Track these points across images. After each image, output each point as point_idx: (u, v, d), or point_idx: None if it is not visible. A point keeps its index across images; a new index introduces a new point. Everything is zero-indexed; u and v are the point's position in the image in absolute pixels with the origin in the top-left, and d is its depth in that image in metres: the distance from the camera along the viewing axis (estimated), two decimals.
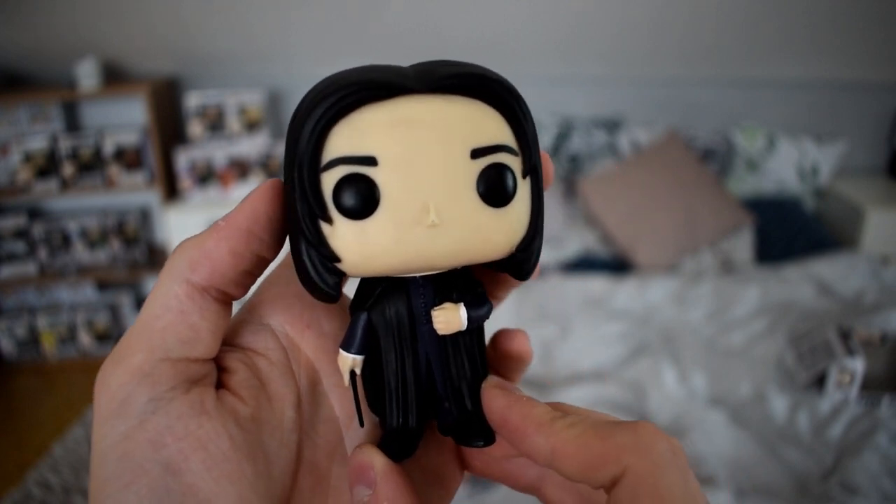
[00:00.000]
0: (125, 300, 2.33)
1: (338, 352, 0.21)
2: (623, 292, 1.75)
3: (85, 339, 2.27)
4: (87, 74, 2.01)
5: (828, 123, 2.28)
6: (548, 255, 1.96)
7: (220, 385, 0.20)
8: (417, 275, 0.20)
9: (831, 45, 2.11)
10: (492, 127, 0.19)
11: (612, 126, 2.19)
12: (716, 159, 2.16)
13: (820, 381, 1.34)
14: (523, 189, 0.20)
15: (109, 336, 2.28)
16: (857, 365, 1.28)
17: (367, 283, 0.21)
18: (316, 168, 0.18)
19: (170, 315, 0.18)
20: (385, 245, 0.18)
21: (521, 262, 0.20)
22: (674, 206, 1.99)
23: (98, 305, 2.30)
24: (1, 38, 2.01)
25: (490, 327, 0.23)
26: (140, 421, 0.17)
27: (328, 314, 0.23)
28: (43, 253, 2.20)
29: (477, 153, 0.18)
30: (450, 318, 0.20)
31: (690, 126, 2.21)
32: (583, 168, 2.17)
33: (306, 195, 0.18)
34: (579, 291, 1.75)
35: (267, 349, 0.21)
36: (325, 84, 0.18)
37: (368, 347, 0.20)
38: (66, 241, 2.21)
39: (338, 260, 0.18)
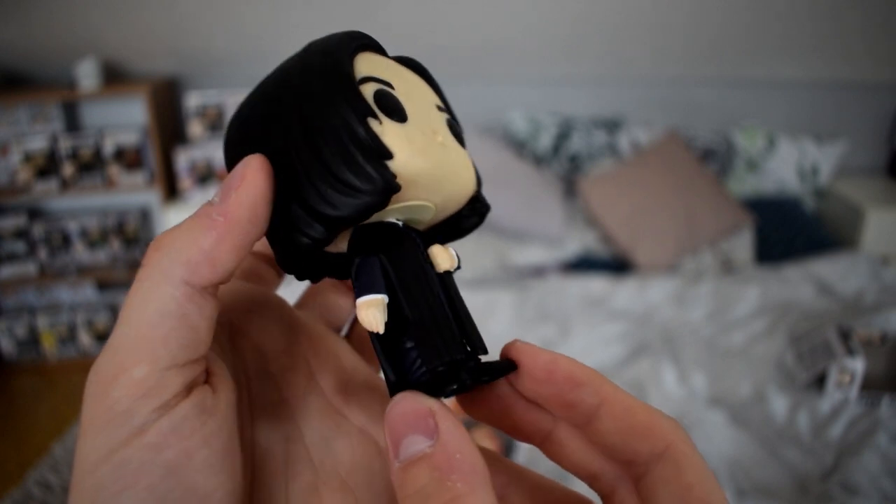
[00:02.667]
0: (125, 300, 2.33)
1: (287, 330, 0.21)
2: (623, 292, 1.75)
3: (85, 339, 2.27)
4: (87, 74, 2.01)
5: (828, 123, 2.28)
6: (548, 255, 1.96)
7: None
8: (399, 222, 0.21)
9: (831, 45, 2.11)
10: (437, 98, 0.23)
11: (612, 126, 2.19)
12: (716, 159, 2.16)
13: (820, 381, 1.34)
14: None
15: (109, 336, 2.27)
16: (857, 365, 1.28)
17: (361, 234, 0.20)
18: (354, 79, 0.19)
19: (170, 321, 0.17)
20: (422, 148, 0.19)
21: (481, 202, 0.23)
22: (674, 206, 1.99)
23: (98, 305, 2.30)
24: (1, 38, 2.01)
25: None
26: (140, 429, 0.17)
27: (266, 304, 0.23)
28: (43, 253, 2.20)
29: (439, 108, 0.22)
30: (446, 254, 0.21)
31: (690, 126, 2.21)
32: (583, 168, 2.17)
33: (355, 98, 0.19)
34: (579, 291, 1.75)
35: (217, 339, 0.21)
36: (337, 36, 0.21)
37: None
38: (66, 241, 2.21)
39: (391, 156, 0.19)
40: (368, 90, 0.19)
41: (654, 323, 1.62)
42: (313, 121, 0.18)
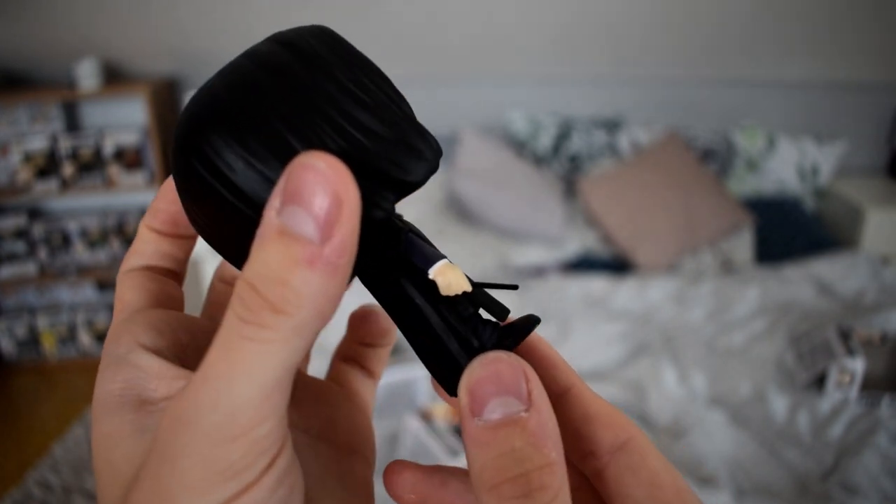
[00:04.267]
0: None
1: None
2: (623, 292, 1.75)
3: (85, 339, 2.27)
4: (87, 74, 2.01)
5: (828, 123, 2.28)
6: (548, 255, 1.96)
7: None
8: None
9: (831, 45, 2.11)
10: None
11: (612, 126, 2.19)
12: (716, 159, 2.16)
13: (820, 381, 1.34)
14: None
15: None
16: (857, 365, 1.28)
17: (373, 236, 0.19)
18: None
19: (290, 374, 0.16)
20: None
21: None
22: (674, 206, 1.99)
23: (98, 305, 2.30)
24: (1, 38, 2.01)
25: None
26: (254, 481, 0.16)
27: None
28: (43, 253, 2.20)
29: None
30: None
31: (690, 126, 2.21)
32: (583, 168, 2.17)
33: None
34: (579, 291, 1.75)
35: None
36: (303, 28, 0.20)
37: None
38: (66, 241, 2.21)
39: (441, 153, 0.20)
40: None
41: (654, 323, 1.62)
42: (370, 93, 0.18)
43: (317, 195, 0.14)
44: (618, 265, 1.98)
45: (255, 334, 0.15)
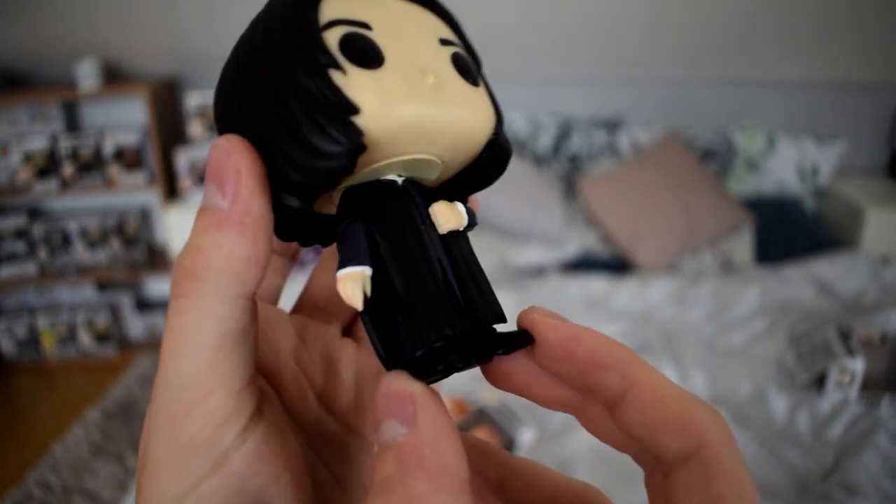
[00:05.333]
0: (125, 300, 2.33)
1: (294, 349, 0.20)
2: (623, 292, 1.75)
3: (85, 339, 2.27)
4: (87, 74, 2.01)
5: (828, 123, 2.28)
6: (548, 255, 1.96)
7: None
8: (398, 180, 0.19)
9: (831, 45, 2.11)
10: (446, 29, 0.20)
11: (612, 126, 2.19)
12: (716, 159, 2.16)
13: (820, 381, 1.34)
14: (481, 83, 0.20)
15: (109, 336, 2.27)
16: (857, 365, 1.28)
17: (350, 192, 0.19)
18: (317, 25, 0.17)
19: (231, 339, 0.16)
20: (400, 95, 0.17)
21: (502, 144, 0.20)
22: (674, 206, 1.99)
23: (98, 305, 2.30)
24: (1, 38, 2.01)
25: None
26: (224, 457, 0.16)
27: (273, 322, 0.22)
28: (43, 253, 2.20)
29: (444, 42, 0.19)
30: (453, 213, 0.19)
31: (690, 126, 2.21)
32: (583, 168, 2.17)
33: (312, 50, 0.16)
34: (579, 291, 1.75)
35: None
36: None
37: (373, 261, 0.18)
38: (66, 241, 2.21)
39: (356, 111, 0.16)
40: (334, 36, 0.17)
41: (654, 323, 1.62)
42: (275, 82, 0.17)
43: (222, 169, 0.16)
44: (618, 265, 1.98)
45: (182, 306, 0.16)
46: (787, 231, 2.02)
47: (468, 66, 0.19)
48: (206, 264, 0.16)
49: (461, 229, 0.19)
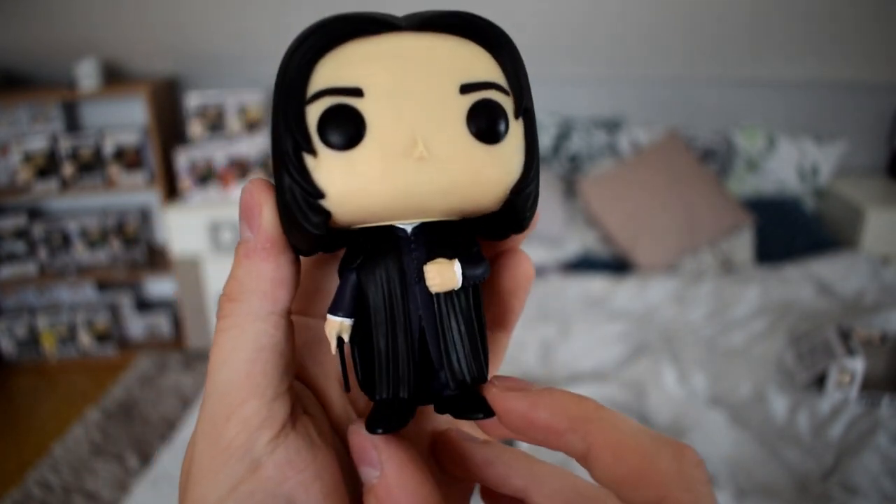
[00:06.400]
0: (125, 300, 2.33)
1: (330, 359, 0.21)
2: (623, 292, 1.75)
3: (85, 339, 2.27)
4: (87, 74, 2.01)
5: (828, 123, 2.28)
6: (548, 255, 1.96)
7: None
8: (408, 227, 0.19)
9: (831, 45, 2.11)
10: (481, 65, 0.19)
11: (612, 126, 2.19)
12: (716, 159, 2.16)
13: (820, 381, 1.34)
14: (515, 130, 0.19)
15: (109, 336, 2.28)
16: (857, 365, 1.28)
17: (356, 242, 0.19)
18: (301, 99, 0.17)
19: (266, 353, 0.18)
20: (372, 177, 0.17)
21: (518, 208, 0.19)
22: (674, 206, 1.99)
23: (98, 305, 2.30)
24: (1, 38, 2.01)
25: None
26: (258, 463, 0.18)
27: (315, 337, 0.23)
28: (43, 253, 2.20)
29: (466, 88, 0.18)
30: (444, 273, 0.18)
31: (690, 126, 2.21)
32: (583, 168, 2.17)
33: (290, 127, 0.17)
34: (579, 291, 1.75)
35: None
36: (314, 23, 0.18)
37: (358, 311, 0.19)
38: (66, 241, 2.21)
39: (322, 195, 0.17)
40: (317, 110, 0.17)
41: (654, 323, 1.62)
42: (275, 143, 0.18)
43: (248, 207, 0.19)
44: (618, 265, 1.98)
45: (222, 325, 0.18)
46: (787, 231, 2.02)
47: (491, 117, 0.18)
48: (240, 288, 0.18)
49: (458, 288, 0.19)
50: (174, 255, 2.11)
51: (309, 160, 0.17)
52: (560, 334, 1.56)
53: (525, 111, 0.19)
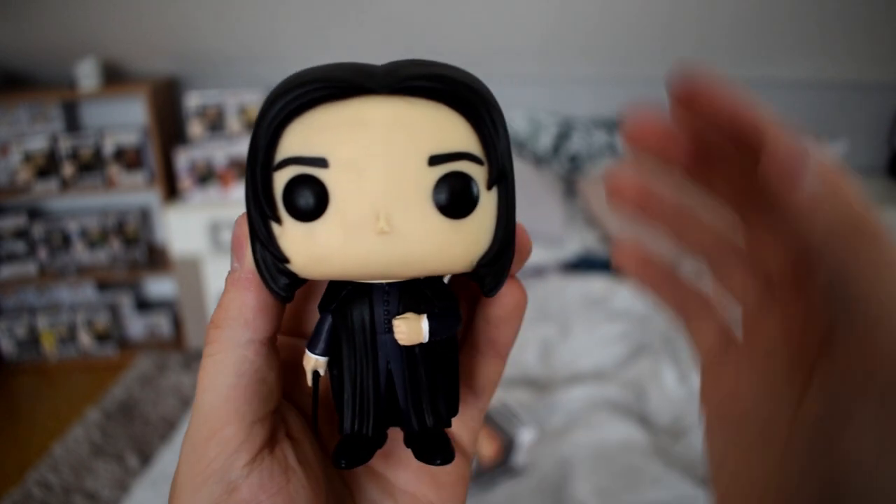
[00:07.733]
0: (125, 300, 2.33)
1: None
2: (623, 292, 1.75)
3: (85, 339, 2.27)
4: (87, 74, 2.01)
5: (828, 123, 2.28)
6: (548, 255, 1.96)
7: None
8: (383, 281, 0.19)
9: (832, 44, 2.11)
10: (455, 133, 0.18)
11: (612, 126, 2.19)
12: None
13: None
14: (487, 200, 0.18)
15: (109, 336, 2.28)
16: None
17: (335, 284, 0.20)
18: (268, 167, 0.18)
19: (246, 379, 0.19)
20: (333, 248, 0.18)
21: (484, 279, 0.20)
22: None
23: (98, 305, 2.30)
24: (1, 38, 2.01)
25: None
26: (234, 485, 0.18)
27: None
28: (43, 253, 2.20)
29: (435, 160, 0.17)
30: (410, 329, 0.19)
31: None
32: (583, 168, 2.18)
33: (258, 195, 0.18)
34: (579, 291, 1.75)
35: None
36: (285, 81, 0.18)
37: (333, 349, 0.20)
38: (66, 241, 2.21)
39: (287, 261, 0.18)
40: (283, 178, 0.18)
41: (655, 323, 1.62)
42: (246, 207, 0.19)
43: (237, 239, 0.19)
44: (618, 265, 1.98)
45: (208, 350, 0.19)
46: None
47: (458, 192, 0.18)
48: (224, 315, 0.19)
49: (425, 342, 0.19)
50: (174, 255, 2.11)
51: (275, 227, 0.18)
52: (560, 334, 1.56)
53: (501, 178, 0.19)
